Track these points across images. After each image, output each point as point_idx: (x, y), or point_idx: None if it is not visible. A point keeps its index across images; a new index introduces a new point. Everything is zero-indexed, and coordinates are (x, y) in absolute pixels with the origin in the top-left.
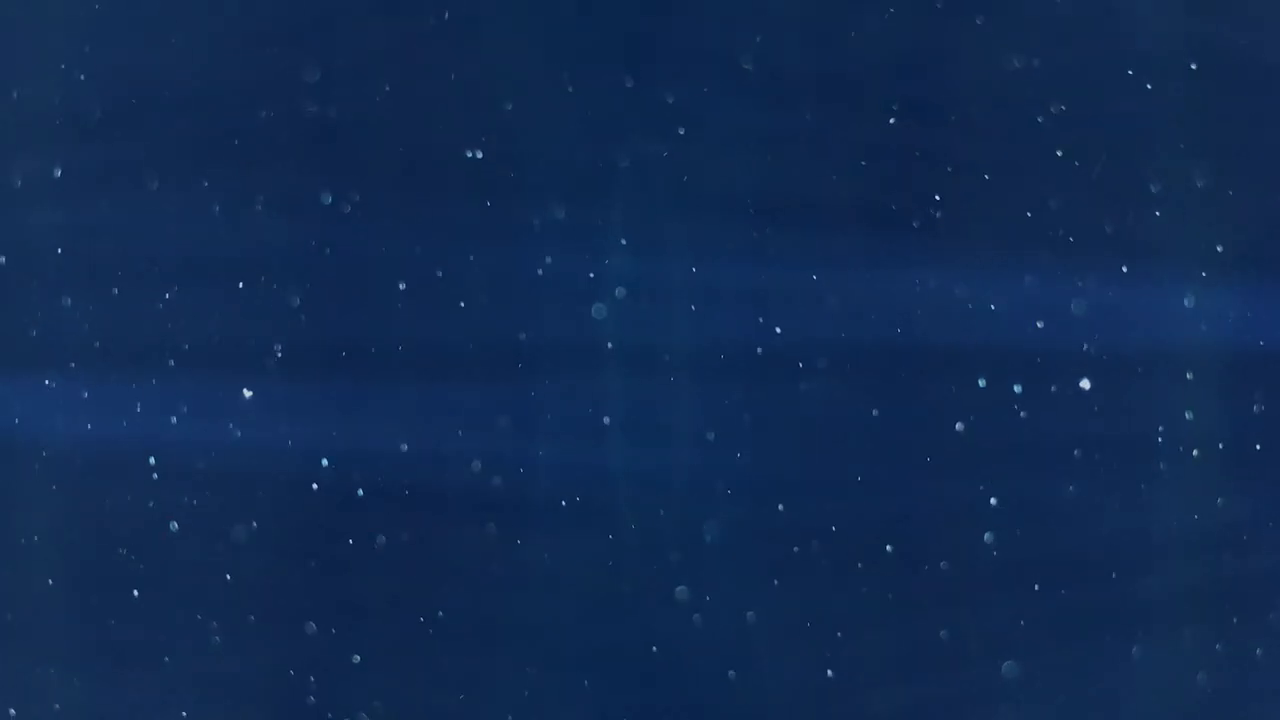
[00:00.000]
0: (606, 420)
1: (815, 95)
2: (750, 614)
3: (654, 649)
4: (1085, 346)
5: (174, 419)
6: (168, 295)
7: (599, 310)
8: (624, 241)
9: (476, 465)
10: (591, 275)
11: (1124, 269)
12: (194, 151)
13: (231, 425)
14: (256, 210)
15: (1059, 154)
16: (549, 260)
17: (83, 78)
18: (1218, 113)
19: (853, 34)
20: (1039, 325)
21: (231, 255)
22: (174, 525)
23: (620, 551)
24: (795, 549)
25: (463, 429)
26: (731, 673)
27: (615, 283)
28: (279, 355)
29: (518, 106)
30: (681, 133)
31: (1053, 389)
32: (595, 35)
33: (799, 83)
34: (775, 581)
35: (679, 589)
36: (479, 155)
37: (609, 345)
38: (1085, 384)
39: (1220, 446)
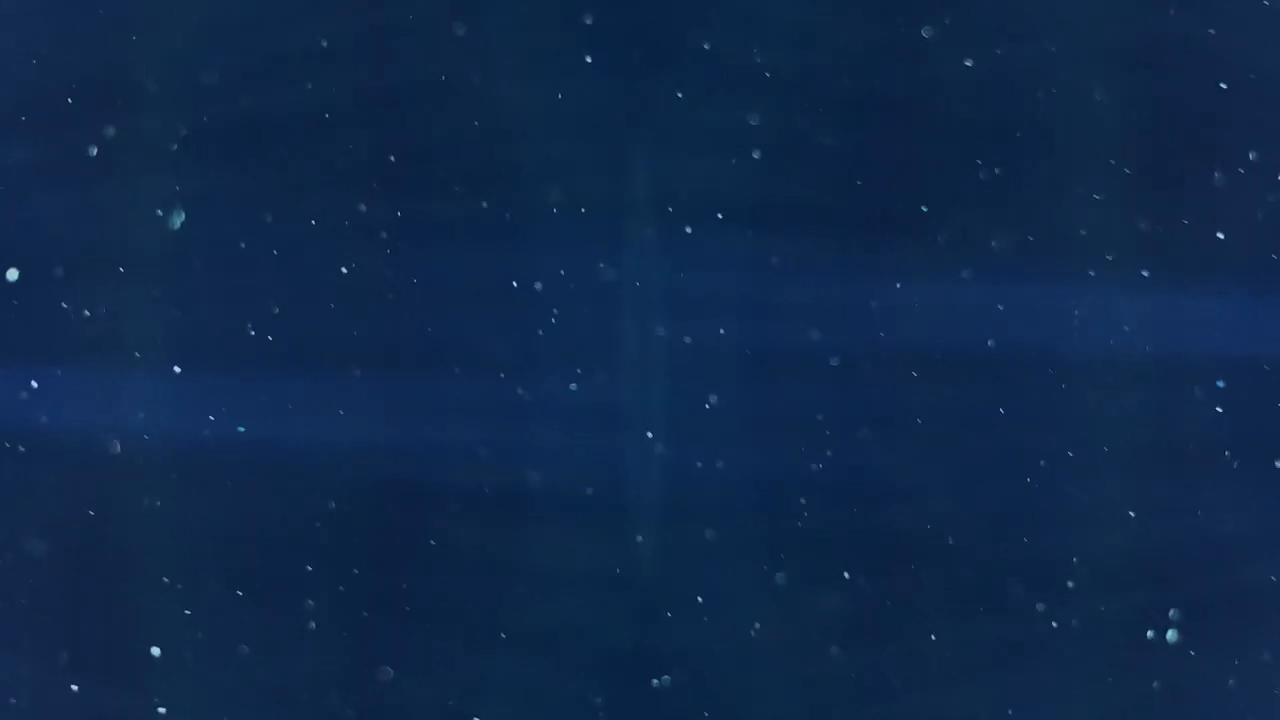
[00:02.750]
0: (640, 421)
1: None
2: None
3: (703, 650)
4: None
5: (211, 416)
6: (184, 292)
7: (611, 310)
8: (644, 245)
9: (486, 461)
10: (604, 276)
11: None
12: (210, 147)
13: (242, 423)
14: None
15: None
16: (555, 261)
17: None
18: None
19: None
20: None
21: (252, 255)
22: (202, 521)
23: (655, 551)
24: (823, 550)
25: (466, 426)
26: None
27: (630, 284)
28: (287, 353)
29: (530, 108)
30: (684, 135)
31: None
32: (600, 35)
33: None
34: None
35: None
36: (483, 157)
37: (620, 344)
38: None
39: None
